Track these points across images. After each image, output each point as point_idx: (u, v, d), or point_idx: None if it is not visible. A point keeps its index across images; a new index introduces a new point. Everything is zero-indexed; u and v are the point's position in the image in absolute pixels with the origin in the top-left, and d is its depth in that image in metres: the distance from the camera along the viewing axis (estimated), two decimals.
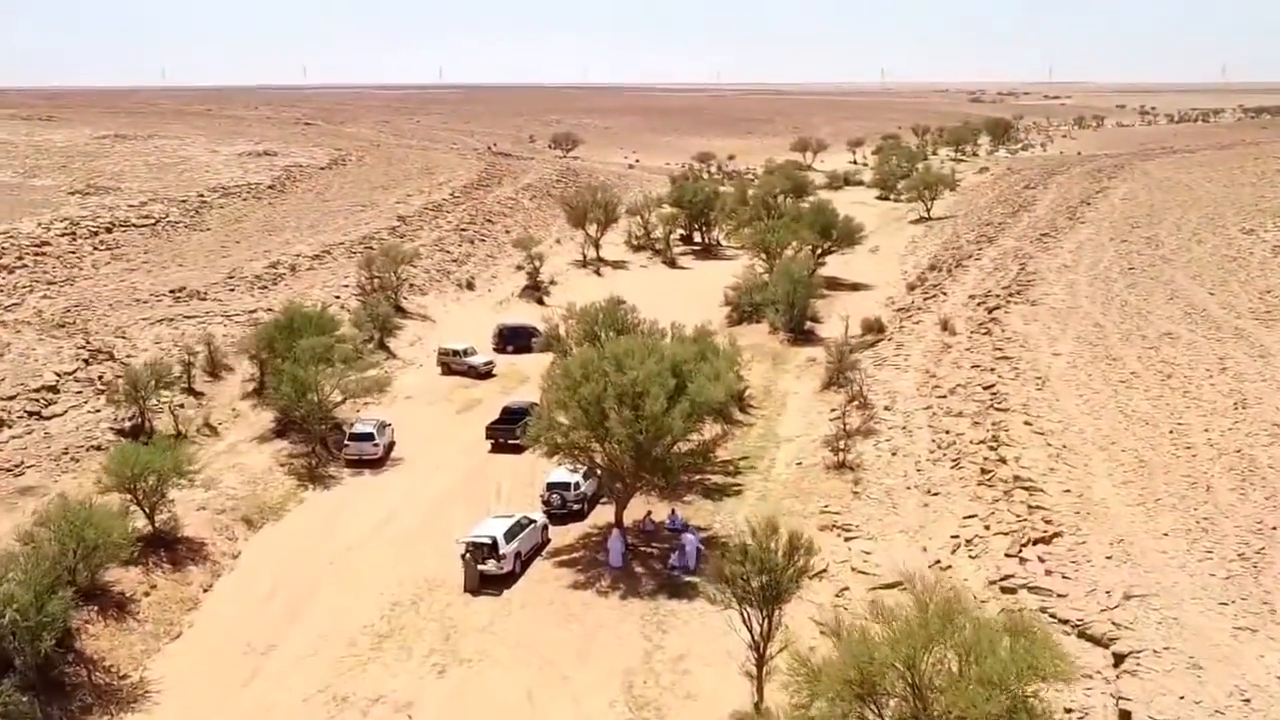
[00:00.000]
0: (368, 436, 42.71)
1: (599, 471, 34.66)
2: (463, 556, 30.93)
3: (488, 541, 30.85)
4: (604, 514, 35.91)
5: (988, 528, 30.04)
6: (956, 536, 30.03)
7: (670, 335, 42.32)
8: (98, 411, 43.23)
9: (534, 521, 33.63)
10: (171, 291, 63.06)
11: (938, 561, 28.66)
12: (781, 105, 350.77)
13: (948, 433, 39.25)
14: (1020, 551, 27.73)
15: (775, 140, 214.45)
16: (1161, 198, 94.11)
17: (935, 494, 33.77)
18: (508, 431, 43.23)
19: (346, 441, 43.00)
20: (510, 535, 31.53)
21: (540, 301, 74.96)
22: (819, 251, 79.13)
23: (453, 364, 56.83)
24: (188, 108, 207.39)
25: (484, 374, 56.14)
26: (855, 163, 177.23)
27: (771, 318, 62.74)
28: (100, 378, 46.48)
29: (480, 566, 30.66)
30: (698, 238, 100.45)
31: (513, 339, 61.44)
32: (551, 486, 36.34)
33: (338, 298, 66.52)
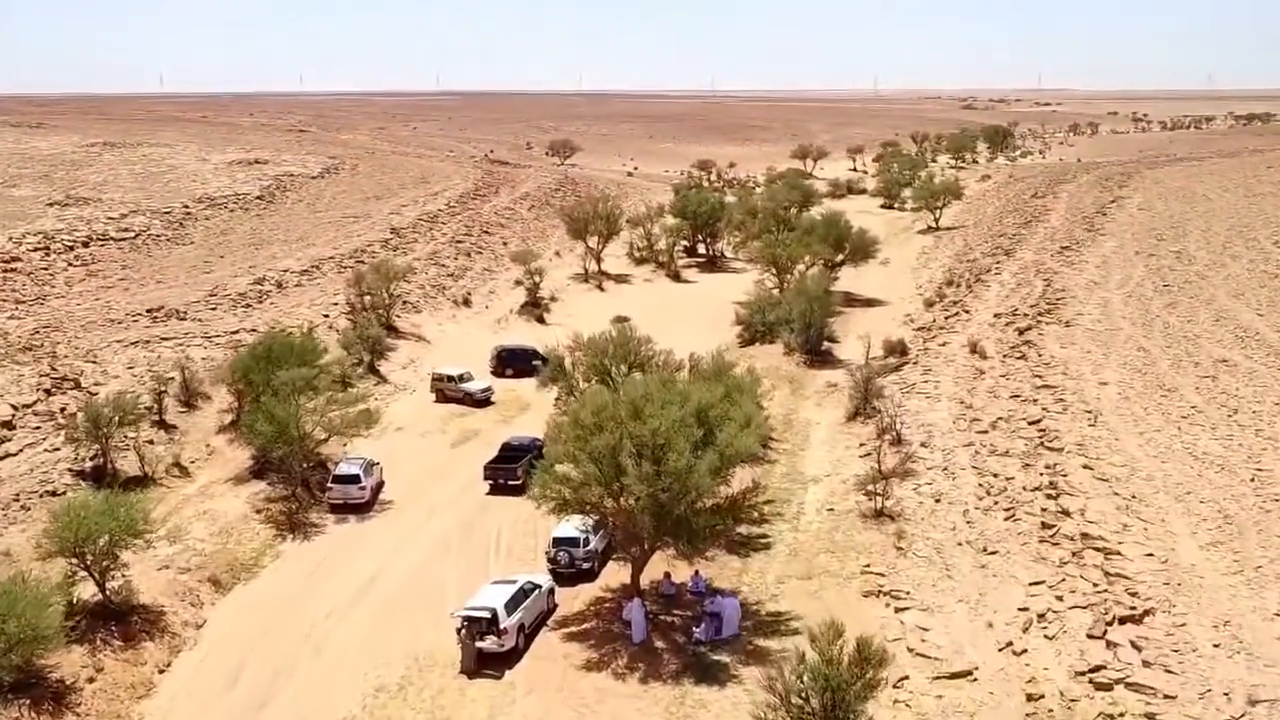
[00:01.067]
0: (353, 479, 38.74)
1: (612, 528, 30.71)
2: (458, 632, 26.95)
3: (486, 615, 26.85)
4: (617, 573, 31.94)
5: (1060, 598, 26.14)
6: (1025, 609, 26.06)
7: (688, 368, 38.37)
8: (56, 450, 39.16)
9: (538, 586, 29.49)
10: (149, 311, 59.35)
11: (1010, 644, 24.70)
12: (778, 112, 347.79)
13: (995, 475, 35.43)
14: (1105, 633, 23.81)
15: (774, 147, 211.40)
16: (1180, 208, 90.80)
17: (992, 552, 29.87)
18: (508, 471, 39.53)
19: (330, 484, 39.04)
20: (512, 605, 27.49)
21: (541, 319, 71.08)
22: (832, 266, 75.44)
23: (447, 390, 52.89)
24: (184, 114, 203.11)
25: (481, 401, 52.20)
26: (855, 170, 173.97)
27: (786, 338, 59.05)
28: (62, 410, 42.49)
29: (478, 643, 26.70)
30: (701, 249, 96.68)
31: (512, 361, 57.40)
32: (558, 542, 32.24)
33: (326, 316, 62.73)
